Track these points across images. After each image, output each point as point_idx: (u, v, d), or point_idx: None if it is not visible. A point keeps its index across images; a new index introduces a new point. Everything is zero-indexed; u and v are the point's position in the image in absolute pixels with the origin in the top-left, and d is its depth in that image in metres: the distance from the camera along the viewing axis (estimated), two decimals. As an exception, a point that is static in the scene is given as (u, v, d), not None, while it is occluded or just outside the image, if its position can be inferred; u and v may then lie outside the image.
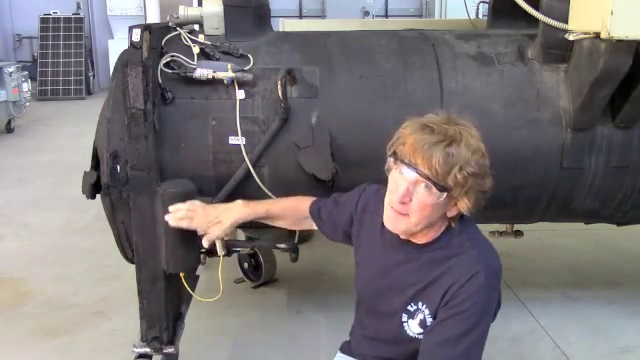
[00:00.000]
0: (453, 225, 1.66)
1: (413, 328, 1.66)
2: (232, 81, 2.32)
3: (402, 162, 1.57)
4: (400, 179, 1.58)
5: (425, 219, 1.59)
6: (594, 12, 2.09)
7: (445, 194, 1.54)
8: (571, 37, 2.25)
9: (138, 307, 2.30)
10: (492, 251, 1.67)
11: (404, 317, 1.67)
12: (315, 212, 2.04)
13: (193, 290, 2.43)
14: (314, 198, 2.08)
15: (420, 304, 1.65)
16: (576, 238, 4.13)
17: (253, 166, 2.33)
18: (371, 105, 2.40)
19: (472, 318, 1.55)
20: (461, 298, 1.56)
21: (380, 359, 1.80)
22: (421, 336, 1.64)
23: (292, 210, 2.10)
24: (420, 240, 1.68)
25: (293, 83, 2.39)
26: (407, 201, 1.57)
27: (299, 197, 2.14)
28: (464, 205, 1.58)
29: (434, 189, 1.54)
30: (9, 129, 7.84)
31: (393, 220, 1.63)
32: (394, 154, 1.60)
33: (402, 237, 1.69)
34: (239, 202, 2.11)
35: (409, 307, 1.66)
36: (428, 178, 1.53)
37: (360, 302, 1.88)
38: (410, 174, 1.55)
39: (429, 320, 1.63)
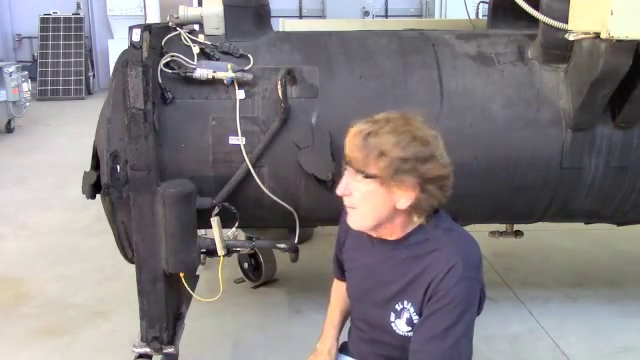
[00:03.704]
0: (415, 219, 1.64)
1: (401, 327, 1.67)
2: (232, 81, 2.32)
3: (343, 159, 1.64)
4: (344, 175, 1.65)
5: (371, 211, 1.62)
6: (594, 12, 2.09)
7: (373, 181, 1.57)
8: (571, 37, 2.25)
9: (138, 307, 2.30)
10: (470, 242, 1.67)
11: (392, 317, 1.68)
12: (339, 276, 1.99)
13: (193, 290, 2.43)
14: (335, 281, 2.04)
15: (405, 302, 1.66)
16: (576, 238, 4.13)
17: (253, 166, 2.33)
18: (371, 105, 2.39)
19: (456, 310, 1.56)
20: (442, 292, 1.56)
21: (379, 356, 1.80)
22: (410, 334, 1.65)
23: (344, 296, 1.99)
24: (389, 236, 1.69)
25: (293, 83, 2.39)
26: (347, 193, 1.63)
27: (333, 289, 2.05)
28: (408, 195, 1.57)
29: (361, 177, 1.59)
30: (9, 129, 7.84)
31: (348, 217, 1.68)
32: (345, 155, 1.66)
33: (374, 235, 1.70)
34: (326, 332, 1.99)
35: (396, 306, 1.67)
36: (353, 166, 1.59)
37: (352, 306, 1.90)
38: (345, 167, 1.63)
39: (415, 318, 1.64)
